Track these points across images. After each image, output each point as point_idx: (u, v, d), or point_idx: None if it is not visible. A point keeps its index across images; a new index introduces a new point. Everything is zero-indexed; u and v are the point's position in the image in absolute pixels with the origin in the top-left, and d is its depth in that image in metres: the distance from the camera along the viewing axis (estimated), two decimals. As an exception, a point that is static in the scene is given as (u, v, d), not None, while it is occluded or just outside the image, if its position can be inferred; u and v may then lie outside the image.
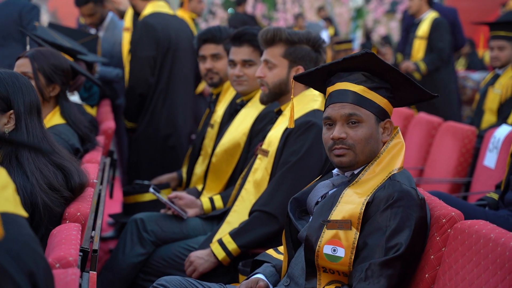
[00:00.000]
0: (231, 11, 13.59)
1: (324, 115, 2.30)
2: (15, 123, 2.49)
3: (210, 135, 3.92)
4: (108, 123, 4.21)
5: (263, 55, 3.18)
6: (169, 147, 4.81)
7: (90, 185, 2.56)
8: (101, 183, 3.27)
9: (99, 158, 3.20)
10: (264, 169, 3.09)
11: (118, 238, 3.52)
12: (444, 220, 2.15)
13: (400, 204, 2.14)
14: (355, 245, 2.14)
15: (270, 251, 2.53)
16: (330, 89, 2.32)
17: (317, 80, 2.39)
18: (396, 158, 2.26)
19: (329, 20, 13.49)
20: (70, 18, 8.44)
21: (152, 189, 3.50)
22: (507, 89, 5.24)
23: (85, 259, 2.22)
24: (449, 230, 2.14)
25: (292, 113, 2.54)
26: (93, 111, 4.54)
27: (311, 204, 2.35)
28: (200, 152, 4.00)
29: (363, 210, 2.15)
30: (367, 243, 2.13)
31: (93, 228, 2.61)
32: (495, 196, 3.46)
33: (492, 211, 3.36)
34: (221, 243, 3.02)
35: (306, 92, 3.14)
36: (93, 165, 2.88)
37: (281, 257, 2.46)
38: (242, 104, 3.70)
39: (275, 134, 3.10)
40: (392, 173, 2.23)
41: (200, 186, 3.82)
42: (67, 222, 2.30)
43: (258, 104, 3.52)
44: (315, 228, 2.21)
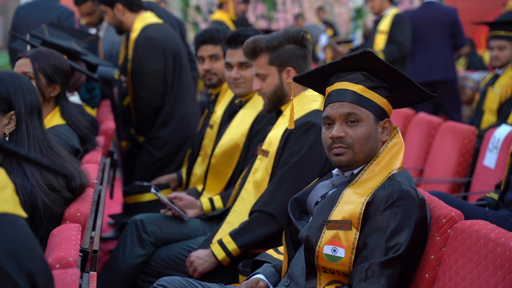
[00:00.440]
0: None
1: (323, 115, 2.31)
2: (16, 124, 2.49)
3: (210, 136, 3.92)
4: (108, 124, 4.21)
5: (254, 69, 3.17)
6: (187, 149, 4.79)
7: (90, 186, 2.56)
8: (101, 184, 3.27)
9: (99, 159, 3.20)
10: (264, 170, 3.09)
11: (118, 239, 3.52)
12: (444, 220, 2.15)
13: (400, 204, 2.14)
14: (355, 245, 2.14)
15: (270, 251, 2.53)
16: (329, 89, 2.32)
17: (317, 81, 2.39)
18: (396, 158, 2.26)
19: (329, 24, 13.49)
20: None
21: (153, 189, 3.51)
22: (507, 89, 5.24)
23: (85, 260, 2.22)
24: (449, 230, 2.14)
25: (292, 114, 2.54)
26: (93, 112, 4.54)
27: (311, 204, 2.35)
28: (199, 153, 4.00)
29: (363, 210, 2.16)
30: (367, 243, 2.13)
31: (93, 229, 2.61)
32: (495, 196, 3.46)
33: (492, 211, 3.36)
34: (221, 244, 3.02)
35: (306, 93, 3.14)
36: (93, 166, 2.88)
37: (281, 257, 2.46)
38: (241, 105, 3.70)
39: (275, 135, 3.10)
40: (392, 173, 2.22)
41: (200, 187, 3.82)
42: (67, 223, 2.30)
43: (257, 105, 3.53)
44: (315, 229, 2.21)
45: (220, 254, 3.02)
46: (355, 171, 2.29)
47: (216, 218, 3.40)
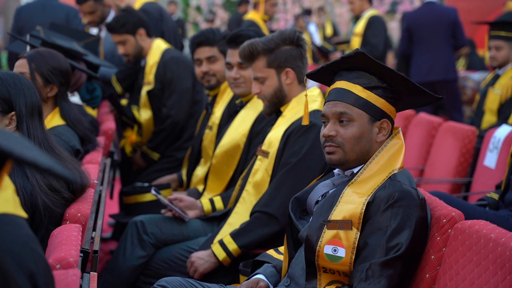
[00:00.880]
0: (233, 11, 13.59)
1: (321, 113, 2.33)
2: (16, 125, 2.49)
3: (209, 137, 3.92)
4: (109, 124, 4.22)
5: (252, 73, 3.17)
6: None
7: (91, 186, 2.56)
8: (102, 184, 3.27)
9: (100, 159, 3.20)
10: (265, 170, 3.09)
11: (116, 239, 3.52)
12: (445, 220, 2.15)
13: (401, 204, 2.14)
14: (356, 245, 2.14)
15: (271, 252, 2.53)
16: (331, 87, 2.34)
17: (327, 78, 2.39)
18: (396, 158, 2.26)
19: (309, 11, 13.51)
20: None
21: (154, 191, 3.50)
22: (507, 90, 5.23)
23: (86, 260, 2.22)
24: (450, 230, 2.14)
25: (306, 110, 2.53)
26: (94, 112, 4.54)
27: (311, 204, 2.35)
28: (201, 154, 4.00)
29: (364, 210, 2.16)
30: (368, 243, 2.13)
31: (94, 229, 2.61)
32: (496, 196, 3.46)
33: (493, 211, 3.36)
34: (222, 244, 3.02)
35: (304, 94, 3.13)
36: (94, 166, 2.88)
37: (281, 258, 2.46)
38: (241, 105, 3.69)
39: (275, 135, 3.10)
40: (393, 173, 2.23)
41: (201, 187, 3.82)
42: (68, 223, 2.30)
43: (257, 105, 3.52)
44: (316, 228, 2.21)
45: (221, 254, 3.02)
46: (355, 170, 2.30)
47: (217, 219, 3.40)
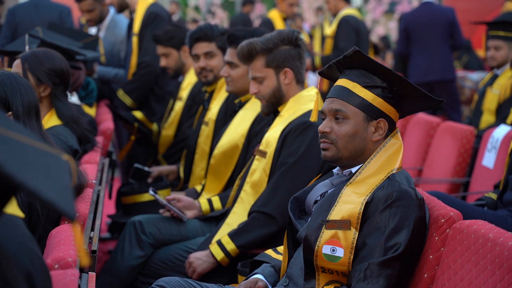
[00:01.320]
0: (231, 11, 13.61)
1: (320, 109, 2.35)
2: (13, 125, 2.48)
3: (205, 133, 3.93)
4: (107, 124, 4.22)
5: (250, 72, 3.16)
6: None
7: (89, 186, 2.56)
8: (100, 184, 3.27)
9: (98, 159, 3.20)
10: (262, 170, 3.09)
11: (114, 239, 3.52)
12: (443, 220, 2.15)
13: (399, 204, 2.14)
14: (354, 245, 2.14)
15: (269, 252, 2.53)
16: (334, 85, 2.36)
17: (335, 76, 2.40)
18: (395, 158, 2.26)
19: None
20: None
21: (151, 191, 3.50)
22: (506, 90, 5.24)
23: (84, 260, 2.21)
24: (448, 230, 2.14)
25: (316, 106, 2.52)
26: (92, 112, 4.54)
27: (310, 203, 2.36)
28: (196, 151, 4.00)
29: (362, 210, 2.16)
30: (366, 243, 2.13)
31: (92, 229, 2.61)
32: (494, 196, 3.46)
33: (491, 211, 3.36)
34: (220, 244, 3.02)
35: (303, 93, 3.14)
36: (92, 166, 2.88)
37: (280, 257, 2.46)
38: (240, 106, 3.69)
39: (273, 135, 3.10)
40: (391, 173, 2.23)
41: (199, 187, 3.82)
42: (66, 223, 2.30)
43: (256, 106, 3.52)
44: (314, 228, 2.21)
45: (219, 255, 3.02)
46: (353, 170, 2.30)
47: (215, 219, 3.40)
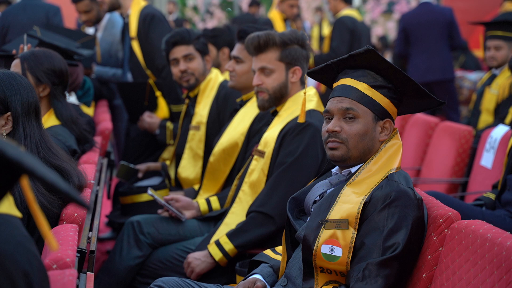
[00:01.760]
0: (229, 11, 13.60)
1: (325, 109, 2.33)
2: (13, 125, 2.47)
3: (197, 137, 3.92)
4: (105, 124, 4.22)
5: (257, 63, 3.13)
6: None
7: (88, 186, 2.56)
8: (98, 184, 3.27)
9: (96, 159, 3.20)
10: (261, 170, 3.09)
11: (112, 239, 3.52)
12: (441, 220, 2.16)
13: (398, 204, 2.14)
14: (353, 245, 2.14)
15: (268, 252, 2.53)
16: (335, 85, 2.34)
17: (327, 77, 2.40)
18: (394, 158, 2.27)
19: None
20: (70, 19, 8.47)
21: (150, 192, 3.50)
22: (504, 90, 5.24)
23: (82, 260, 2.21)
24: (446, 230, 2.14)
25: (304, 108, 2.53)
26: (91, 112, 4.54)
27: (309, 203, 2.35)
28: (183, 156, 3.99)
29: (361, 210, 2.16)
30: (365, 243, 2.14)
31: (90, 229, 2.61)
32: (492, 196, 3.46)
33: (489, 211, 3.36)
34: (218, 244, 3.02)
35: (301, 93, 3.14)
36: (90, 166, 2.88)
37: (278, 258, 2.46)
38: (242, 104, 3.70)
39: (271, 135, 3.10)
40: (390, 173, 2.23)
41: (197, 186, 3.82)
42: (64, 223, 2.30)
43: (257, 104, 3.53)
44: (313, 228, 2.21)
45: (217, 255, 3.02)
46: (353, 170, 2.30)
47: (213, 219, 3.40)
